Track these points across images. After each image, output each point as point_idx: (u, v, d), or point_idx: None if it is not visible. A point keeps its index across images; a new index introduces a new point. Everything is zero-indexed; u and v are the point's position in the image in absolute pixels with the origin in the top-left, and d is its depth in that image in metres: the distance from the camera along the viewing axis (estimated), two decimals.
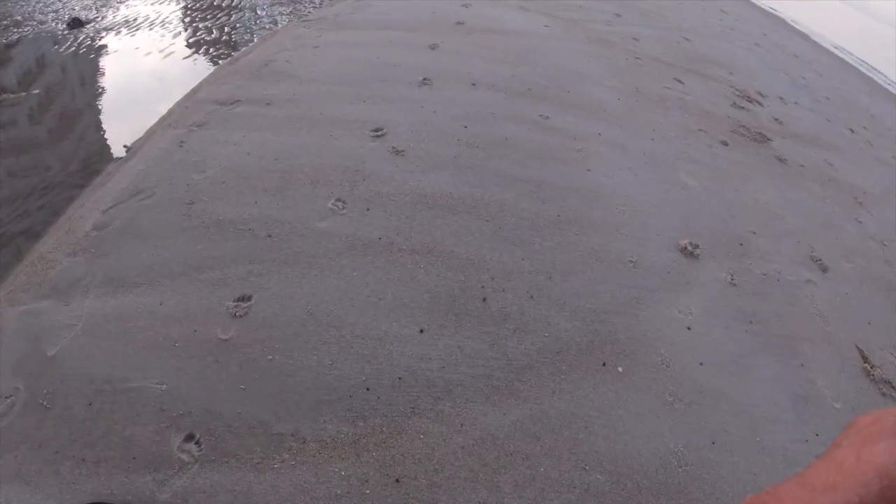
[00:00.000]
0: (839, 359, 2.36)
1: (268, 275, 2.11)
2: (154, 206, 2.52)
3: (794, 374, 2.19)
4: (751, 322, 2.21)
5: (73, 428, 1.86)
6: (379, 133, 2.86)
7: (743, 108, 4.20)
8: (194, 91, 3.39)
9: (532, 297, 1.94)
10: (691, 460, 1.80)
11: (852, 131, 4.72)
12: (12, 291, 2.44)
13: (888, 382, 2.33)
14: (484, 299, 1.92)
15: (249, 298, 2.05)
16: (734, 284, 2.27)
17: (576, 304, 1.95)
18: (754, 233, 2.55)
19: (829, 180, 3.60)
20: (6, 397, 2.03)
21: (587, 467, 1.70)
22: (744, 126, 3.85)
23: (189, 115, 3.05)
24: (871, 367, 2.39)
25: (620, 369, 1.86)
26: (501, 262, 2.00)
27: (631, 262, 2.12)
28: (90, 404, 1.91)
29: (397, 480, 1.64)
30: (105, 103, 3.82)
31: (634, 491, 1.70)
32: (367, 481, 1.64)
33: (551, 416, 1.74)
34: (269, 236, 2.20)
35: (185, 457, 1.75)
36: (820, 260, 2.79)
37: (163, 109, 3.28)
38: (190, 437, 1.79)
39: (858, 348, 2.47)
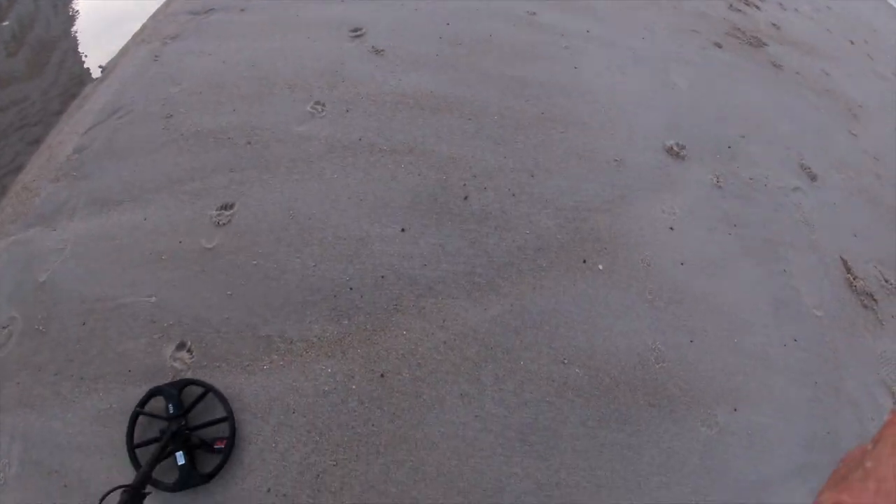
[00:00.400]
0: (822, 267, 2.36)
1: (249, 182, 2.07)
2: (132, 123, 2.45)
3: (775, 279, 2.20)
4: (735, 225, 2.19)
5: (70, 349, 1.89)
6: (357, 33, 2.73)
7: (740, 10, 4.01)
8: (167, 4, 3.22)
9: (514, 195, 1.90)
10: (669, 358, 1.83)
11: (852, 43, 4.54)
12: (0, 224, 2.42)
13: (870, 295, 2.34)
14: (465, 198, 1.89)
15: (232, 206, 2.02)
16: (720, 187, 2.24)
17: (558, 202, 1.92)
18: (743, 137, 2.49)
19: (824, 90, 3.48)
20: (3, 327, 2.05)
21: (566, 361, 1.72)
22: (739, 29, 3.68)
23: (162, 29, 2.91)
24: (854, 279, 2.39)
25: (601, 267, 1.86)
26: (483, 161, 1.95)
27: (616, 161, 2.07)
28: (84, 324, 1.92)
29: (382, 375, 1.67)
30: (81, 28, 3.64)
31: (612, 385, 1.73)
32: (352, 377, 1.67)
33: (531, 311, 1.75)
34: (249, 143, 2.14)
35: (178, 365, 1.78)
36: (809, 168, 2.74)
37: (139, 26, 3.13)
38: (182, 346, 1.81)
39: (842, 259, 2.46)
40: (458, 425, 1.61)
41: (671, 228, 2.01)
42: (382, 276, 1.78)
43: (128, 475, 1.66)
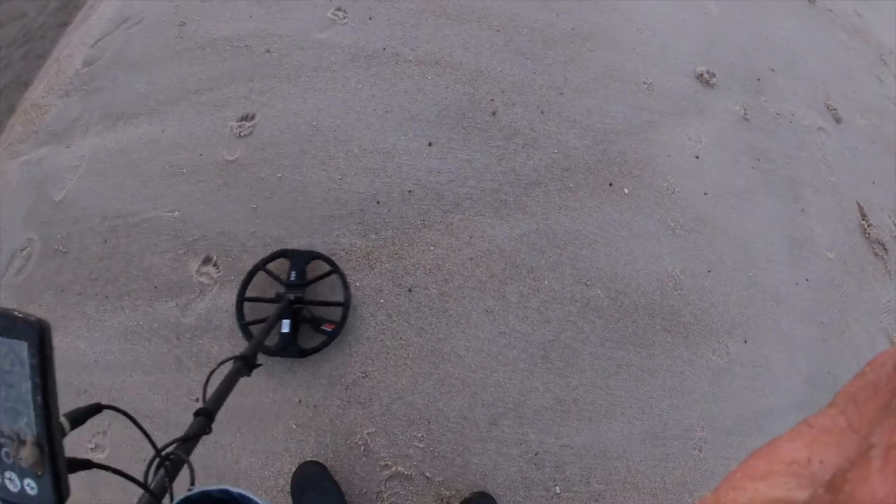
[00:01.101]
0: (839, 210, 2.34)
1: (269, 92, 1.98)
2: (143, 32, 2.32)
3: (793, 217, 2.18)
4: (758, 159, 2.15)
5: (92, 267, 1.85)
6: None
7: None
8: None
9: (542, 112, 1.84)
10: (686, 285, 1.83)
11: None
12: (10, 144, 2.33)
13: (881, 244, 2.33)
14: (493, 113, 1.83)
15: (253, 117, 1.94)
16: (747, 119, 2.18)
17: (586, 122, 1.86)
18: (773, 70, 2.40)
19: (856, 31, 3.34)
20: (21, 250, 2.00)
21: (588, 283, 1.72)
22: None
23: None
24: (868, 226, 2.37)
25: (626, 190, 1.83)
26: (512, 76, 1.87)
27: (646, 84, 2.00)
28: (105, 241, 1.88)
29: (410, 290, 1.67)
30: None
31: (631, 308, 1.74)
32: (381, 291, 1.67)
33: (557, 231, 1.74)
34: (268, 51, 2.04)
35: (204, 279, 1.76)
36: (835, 110, 2.67)
37: None
38: (207, 261, 1.79)
39: (859, 204, 2.43)
40: (483, 340, 1.63)
41: (696, 157, 1.97)
42: (409, 191, 1.75)
43: (159, 395, 1.68)
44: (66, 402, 1.59)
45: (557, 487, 1.57)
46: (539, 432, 1.59)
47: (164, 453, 0.71)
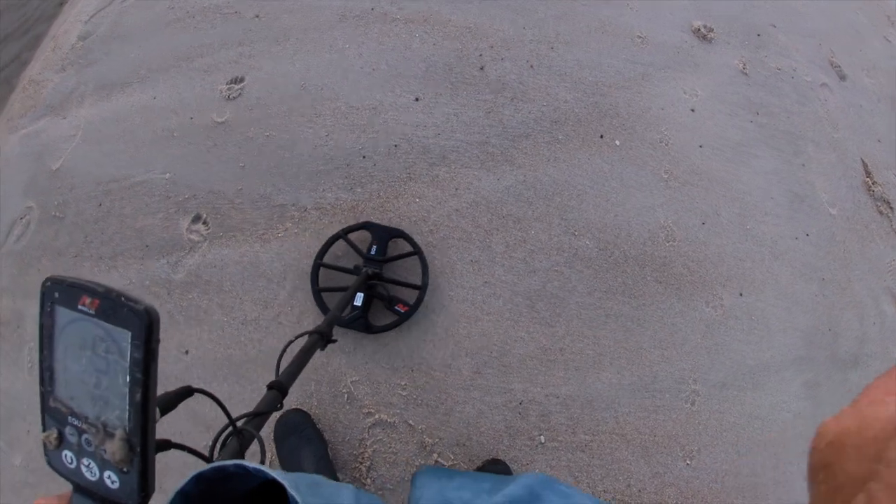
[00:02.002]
0: (842, 167, 2.25)
1: (258, 55, 1.96)
2: (136, 5, 2.34)
3: (793, 171, 2.10)
4: (757, 113, 2.07)
5: (88, 230, 1.88)
6: None
7: None
8: None
9: (532, 66, 1.79)
10: (679, 237, 1.78)
11: None
12: (10, 120, 2.37)
13: (887, 202, 2.25)
14: (481, 68, 1.78)
15: (242, 80, 1.93)
16: (745, 73, 2.10)
17: (577, 76, 1.81)
18: (774, 26, 2.31)
19: None
20: (21, 218, 2.03)
21: (576, 233, 1.68)
22: None
23: None
24: (873, 183, 2.28)
25: (618, 142, 1.77)
26: (501, 31, 1.82)
27: (640, 37, 1.93)
28: (100, 205, 1.90)
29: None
30: None
31: (621, 259, 1.70)
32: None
33: (545, 183, 1.69)
34: (257, 17, 2.02)
35: (194, 237, 1.76)
36: (839, 67, 2.57)
37: None
38: (197, 218, 1.79)
39: (863, 161, 2.34)
40: (467, 290, 1.60)
41: (692, 110, 1.90)
42: (395, 145, 1.71)
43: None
44: None
45: (542, 437, 1.54)
46: (524, 381, 1.56)
47: (235, 427, 0.68)
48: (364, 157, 1.71)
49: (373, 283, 1.52)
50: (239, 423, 0.69)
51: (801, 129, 2.20)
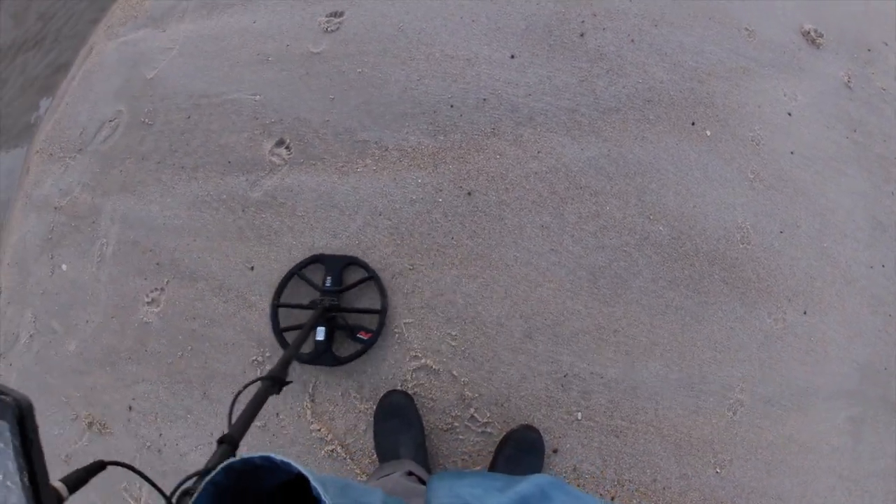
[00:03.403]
0: None
1: None
2: None
3: (881, 197, 1.97)
4: (854, 130, 1.94)
5: (173, 140, 1.91)
6: None
7: None
8: None
9: (633, 41, 1.71)
10: (754, 241, 1.69)
11: None
12: (110, 27, 2.41)
13: None
14: (582, 35, 1.71)
15: (342, 14, 1.91)
16: (849, 87, 1.96)
17: (677, 58, 1.72)
18: (886, 44, 2.15)
19: None
20: (110, 121, 2.08)
21: (651, 217, 1.61)
22: None
23: None
24: None
25: (709, 133, 1.68)
26: (607, 1, 1.74)
27: (747, 30, 1.82)
28: (189, 117, 1.92)
29: (469, 193, 1.61)
30: None
31: (692, 251, 1.62)
32: (441, 190, 1.62)
33: (629, 160, 1.62)
34: None
35: (275, 160, 1.77)
36: None
37: None
38: (280, 143, 1.80)
39: None
40: (533, 253, 1.56)
41: (789, 114, 1.79)
42: (485, 99, 1.67)
43: (217, 259, 1.70)
44: (134, 260, 1.65)
45: (579, 414, 1.51)
46: (572, 355, 1.52)
47: (184, 487, 0.62)
48: (452, 106, 1.67)
49: (332, 316, 1.47)
50: (190, 483, 0.63)
51: None
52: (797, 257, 1.73)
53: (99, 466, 0.56)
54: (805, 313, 1.70)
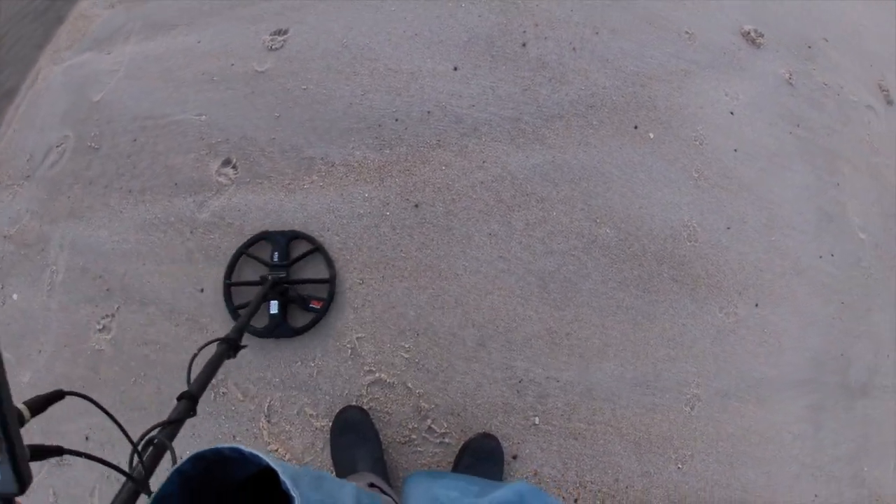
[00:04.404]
0: (877, 193, 2.16)
1: (304, 9, 1.94)
2: None
3: (826, 189, 2.02)
4: (797, 126, 1.99)
5: (120, 163, 1.89)
6: None
7: None
8: None
9: (574, 49, 1.74)
10: (702, 239, 1.72)
11: None
12: (56, 52, 2.40)
13: None
14: (524, 45, 1.73)
15: (286, 32, 1.91)
16: (791, 84, 2.01)
17: (619, 63, 1.75)
18: (826, 40, 2.21)
19: None
20: (57, 146, 2.05)
21: (598, 220, 1.63)
22: None
23: None
24: None
25: (652, 135, 1.71)
26: (548, 11, 1.77)
27: (687, 33, 1.86)
28: (135, 140, 1.90)
29: (416, 205, 1.62)
30: None
31: (639, 251, 1.65)
32: (388, 204, 1.63)
33: (573, 166, 1.64)
34: None
35: (222, 180, 1.76)
36: (887, 91, 2.45)
37: None
38: (227, 162, 1.79)
39: None
40: (482, 262, 1.57)
41: (731, 113, 1.83)
42: (429, 112, 1.68)
43: (167, 283, 1.69)
44: (83, 287, 1.62)
45: (537, 419, 1.51)
46: (526, 360, 1.53)
47: (148, 437, 0.67)
48: (397, 119, 1.68)
49: (283, 289, 1.50)
50: (154, 433, 0.69)
51: (840, 149, 2.11)
52: (745, 252, 1.77)
53: (58, 395, 0.57)
54: (757, 306, 1.74)
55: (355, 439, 1.42)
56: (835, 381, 1.81)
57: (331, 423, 1.48)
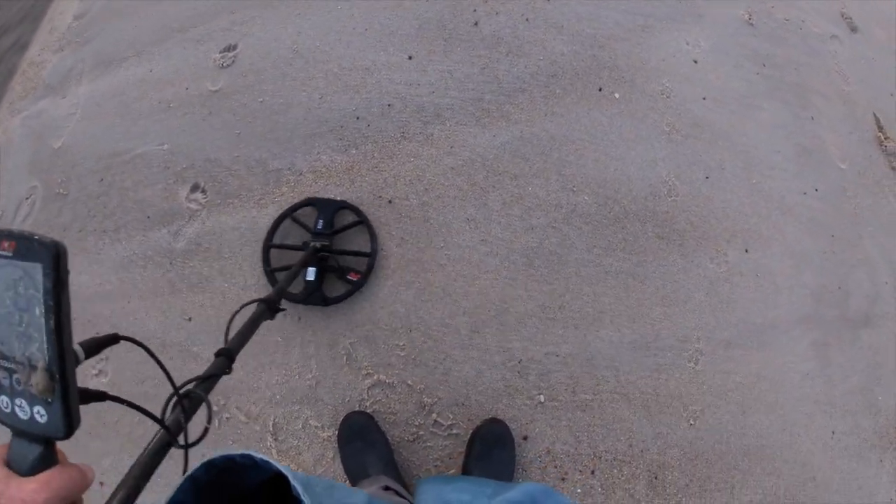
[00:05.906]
0: (852, 121, 2.14)
1: (250, 21, 1.91)
2: None
3: (801, 125, 2.00)
4: (763, 65, 1.96)
5: (90, 205, 1.87)
6: None
7: None
8: None
9: (528, 20, 1.71)
10: (682, 192, 1.70)
11: None
12: (11, 103, 2.37)
13: None
14: (475, 23, 1.70)
15: (235, 47, 1.88)
16: (751, 24, 1.98)
17: (575, 28, 1.72)
18: None
19: None
20: (27, 198, 2.02)
21: (575, 189, 1.61)
22: None
23: None
24: (885, 138, 2.17)
25: (617, 95, 1.69)
26: None
27: None
28: (102, 180, 1.88)
29: (390, 201, 1.59)
30: None
31: (621, 214, 1.63)
32: (361, 204, 1.61)
33: (542, 138, 1.62)
34: None
35: (193, 205, 1.74)
36: (850, 18, 2.43)
37: None
38: (195, 187, 1.77)
39: (875, 116, 2.22)
40: (464, 248, 1.55)
41: (695, 62, 1.81)
42: (389, 105, 1.65)
43: (155, 317, 1.67)
44: (75, 333, 1.60)
45: (542, 396, 1.50)
46: (523, 340, 1.51)
47: (182, 391, 0.68)
48: (358, 118, 1.65)
49: (324, 257, 1.49)
50: (191, 385, 0.71)
51: (810, 82, 2.09)
52: (727, 199, 1.75)
53: (113, 339, 0.57)
54: (747, 251, 1.72)
55: (363, 445, 1.41)
56: (836, 315, 1.80)
57: (337, 432, 1.46)
